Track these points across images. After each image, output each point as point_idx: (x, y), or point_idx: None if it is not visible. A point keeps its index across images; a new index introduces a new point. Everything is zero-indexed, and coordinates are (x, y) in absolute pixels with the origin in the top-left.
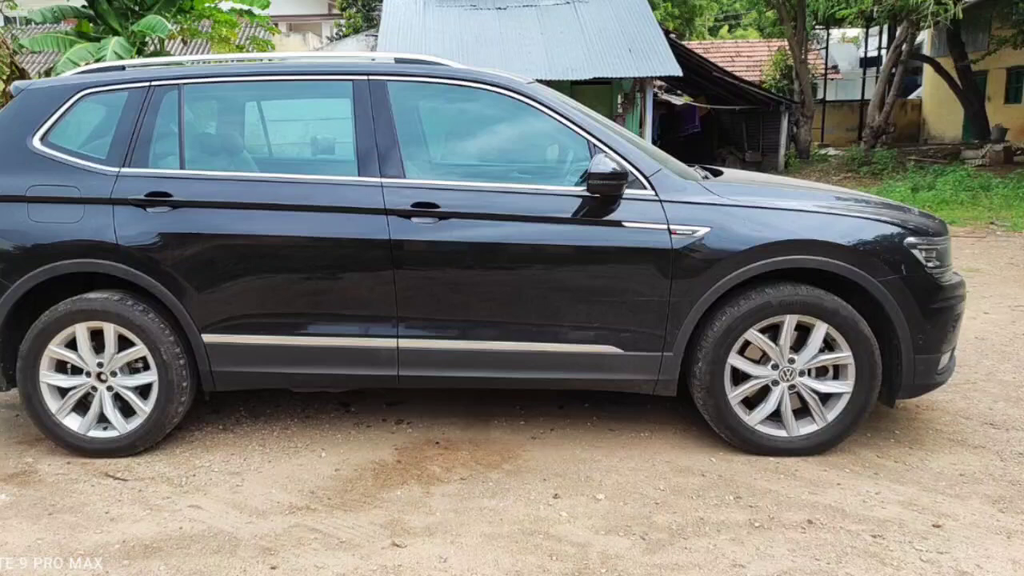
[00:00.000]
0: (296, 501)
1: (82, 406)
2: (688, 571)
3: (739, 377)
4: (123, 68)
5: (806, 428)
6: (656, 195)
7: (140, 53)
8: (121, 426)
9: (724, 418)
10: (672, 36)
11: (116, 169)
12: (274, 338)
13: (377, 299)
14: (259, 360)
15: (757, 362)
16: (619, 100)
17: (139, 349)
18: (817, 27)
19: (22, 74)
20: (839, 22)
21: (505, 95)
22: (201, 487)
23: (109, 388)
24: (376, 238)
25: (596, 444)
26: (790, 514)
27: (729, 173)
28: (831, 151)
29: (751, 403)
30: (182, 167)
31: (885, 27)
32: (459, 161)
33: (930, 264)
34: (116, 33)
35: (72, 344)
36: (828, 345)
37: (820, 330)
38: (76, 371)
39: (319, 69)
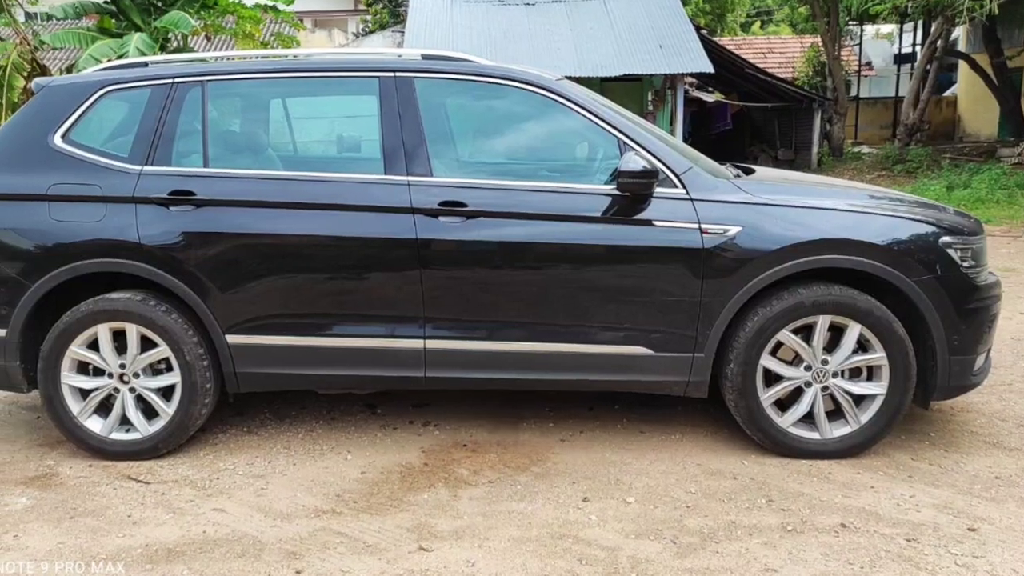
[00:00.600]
0: (321, 504)
1: (104, 408)
2: (719, 575)
3: (771, 378)
4: (146, 65)
5: (839, 430)
6: (687, 194)
7: (163, 49)
8: (144, 428)
9: (756, 420)
10: (703, 32)
11: (139, 167)
12: (299, 339)
13: (404, 299)
14: (284, 361)
15: (790, 363)
16: (649, 97)
17: (162, 350)
18: (850, 23)
19: (43, 71)
20: (873, 18)
21: (534, 92)
22: (225, 490)
23: (131, 389)
24: (403, 237)
25: (626, 446)
26: (823, 517)
27: (761, 171)
28: (865, 149)
29: (783, 405)
30: (206, 165)
31: (919, 23)
32: (487, 159)
33: (965, 264)
34: (139, 29)
35: (94, 345)
36: (862, 346)
37: (854, 331)
38: (98, 372)
39: (345, 65)
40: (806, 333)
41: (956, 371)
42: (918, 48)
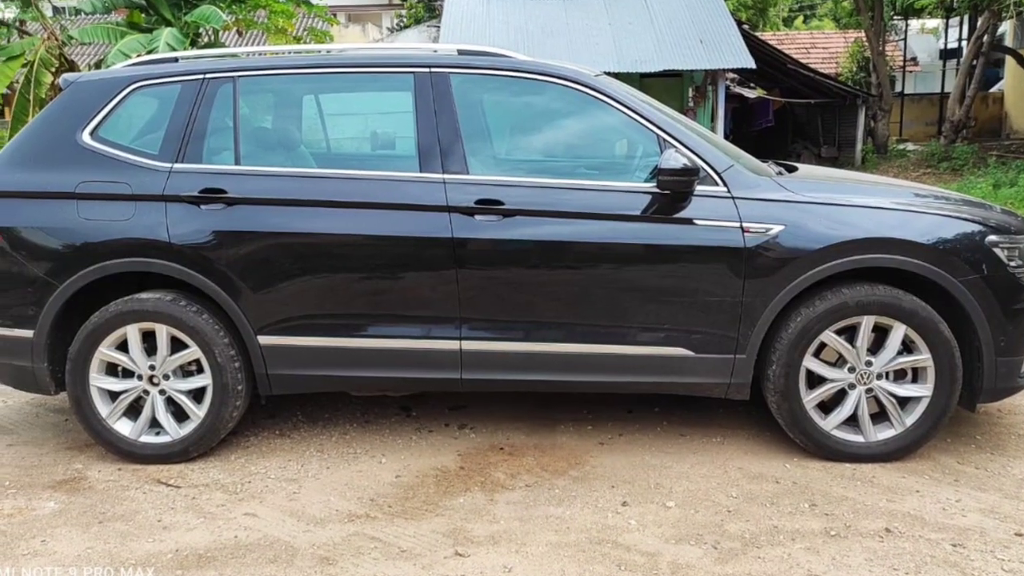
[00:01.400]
0: (355, 509)
1: (133, 410)
2: None
3: (814, 380)
4: (176, 60)
5: (884, 433)
6: (728, 192)
7: (194, 45)
8: (174, 431)
9: (799, 423)
10: (745, 27)
11: (169, 165)
12: (332, 340)
13: (439, 299)
14: (317, 363)
15: (833, 365)
16: (690, 93)
17: (192, 351)
18: (895, 17)
19: (71, 66)
20: (918, 12)
21: (572, 88)
22: (257, 494)
23: (161, 392)
24: (438, 236)
25: (666, 450)
26: (867, 522)
27: (804, 169)
28: (909, 146)
29: (826, 407)
30: (237, 163)
31: (965, 17)
32: (524, 156)
33: (1012, 263)
34: (169, 24)
35: (123, 346)
36: (906, 347)
37: (898, 332)
38: (127, 374)
39: (379, 61)
40: (850, 334)
41: (1003, 373)
42: (964, 43)
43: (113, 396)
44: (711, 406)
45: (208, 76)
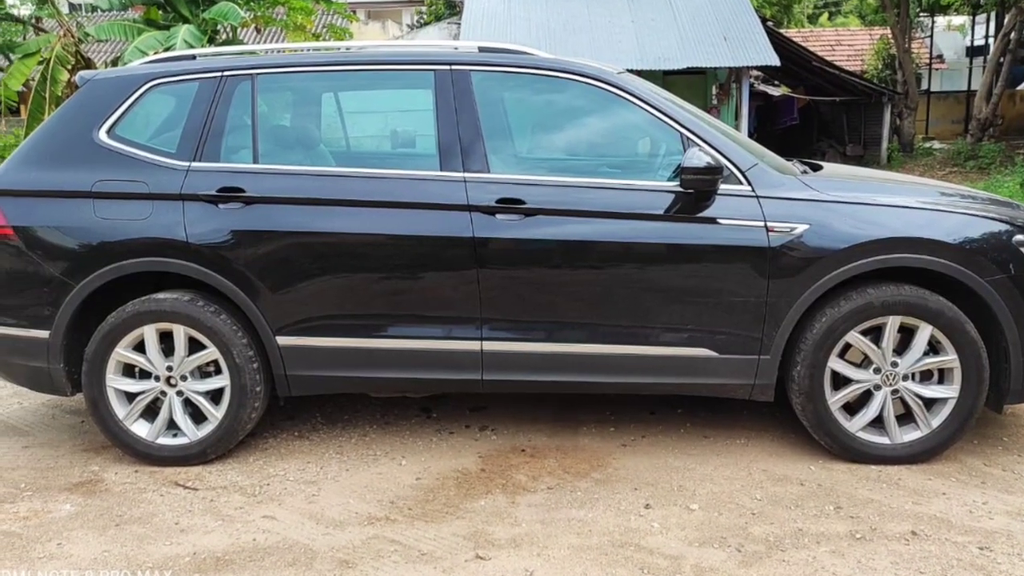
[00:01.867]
0: (375, 511)
1: (150, 412)
2: None
3: (839, 381)
4: (193, 57)
5: (909, 435)
6: (752, 191)
7: (211, 42)
8: (191, 433)
9: (824, 424)
10: (769, 24)
11: (186, 163)
12: (352, 340)
13: (460, 299)
14: (336, 363)
15: (858, 366)
16: (714, 91)
17: (210, 352)
18: (921, 14)
19: (88, 64)
20: (944, 9)
21: (594, 86)
22: (275, 497)
23: (179, 393)
24: (459, 236)
25: (689, 451)
26: (893, 525)
27: (829, 167)
28: (936, 144)
29: (852, 408)
30: (255, 161)
31: (992, 14)
32: (546, 155)
33: None
34: (186, 21)
35: (140, 347)
36: (932, 348)
37: (924, 332)
38: (144, 375)
39: (399, 58)
40: (875, 334)
41: None
42: (991, 40)
43: (130, 397)
44: (735, 407)
45: (226, 74)
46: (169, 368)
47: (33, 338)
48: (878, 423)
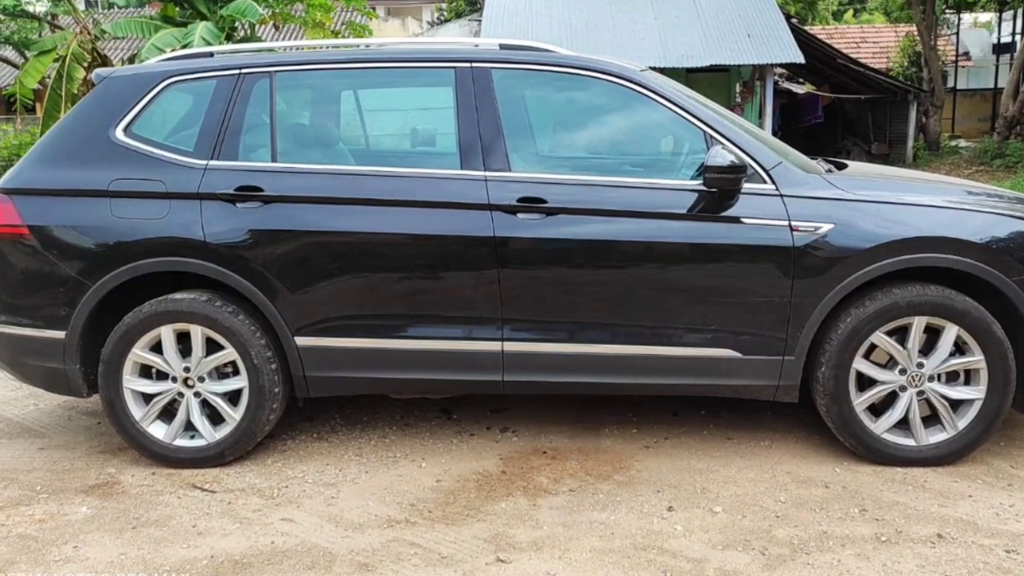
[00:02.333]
0: (395, 514)
1: (168, 413)
2: None
3: (864, 382)
4: (211, 55)
5: (935, 436)
6: (776, 189)
7: (229, 39)
8: (209, 434)
9: (849, 426)
10: (794, 21)
11: (204, 162)
12: (371, 341)
13: (481, 300)
14: (355, 364)
15: (884, 366)
16: (737, 89)
17: (228, 353)
18: (947, 11)
19: (104, 61)
20: (970, 6)
21: (616, 83)
22: (294, 499)
23: (196, 394)
24: (480, 235)
25: (713, 453)
26: (919, 528)
27: (854, 166)
28: (962, 143)
29: (877, 410)
30: (274, 160)
31: (1019, 11)
32: (567, 153)
33: None
34: (204, 18)
35: (157, 347)
36: (959, 348)
37: (950, 333)
38: (161, 376)
39: (419, 56)
40: (901, 335)
41: None
42: (1018, 37)
43: (147, 399)
44: (759, 409)
45: (244, 71)
46: (186, 369)
47: (49, 339)
48: (904, 425)
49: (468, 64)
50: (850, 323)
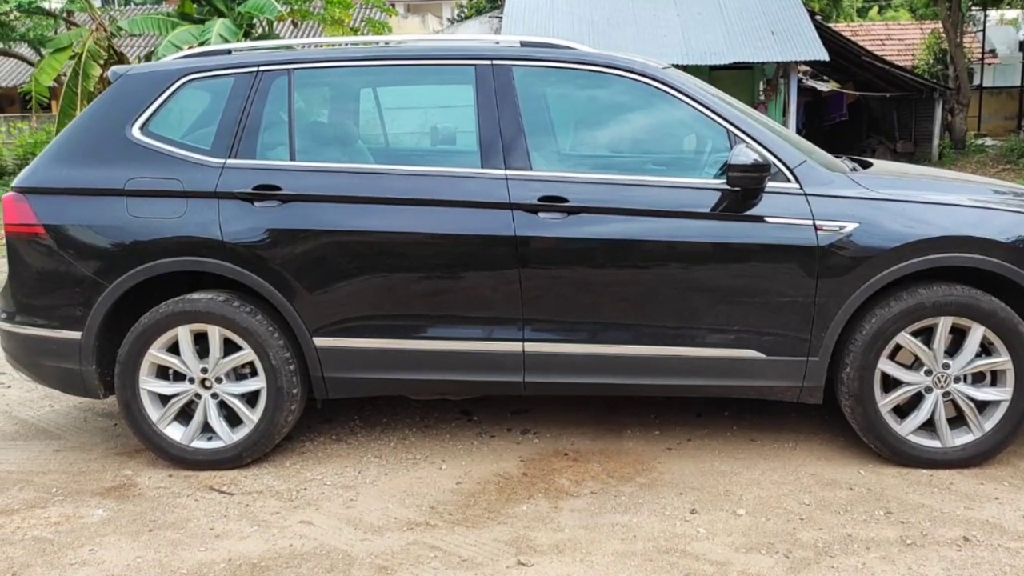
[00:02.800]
0: (415, 516)
1: (185, 415)
2: None
3: (889, 383)
4: (229, 52)
5: (961, 438)
6: (800, 188)
7: (247, 36)
8: (227, 436)
9: (874, 427)
10: (818, 18)
11: (221, 160)
12: (391, 342)
13: (501, 300)
14: (375, 365)
15: (909, 367)
16: (761, 86)
17: (246, 353)
18: (973, 8)
19: (120, 58)
20: (997, 2)
21: (638, 81)
22: (312, 501)
23: (214, 395)
24: (500, 234)
25: (736, 455)
26: (944, 530)
27: (879, 165)
28: (988, 141)
29: (902, 411)
30: (292, 158)
31: None
32: (589, 152)
33: None
34: (221, 14)
35: (174, 348)
36: (985, 349)
37: (977, 333)
38: (178, 377)
39: (439, 53)
40: (926, 335)
41: None
42: None
43: (164, 400)
44: (783, 410)
45: (262, 69)
46: (204, 370)
47: (65, 339)
48: (929, 426)
49: (489, 61)
50: (875, 323)
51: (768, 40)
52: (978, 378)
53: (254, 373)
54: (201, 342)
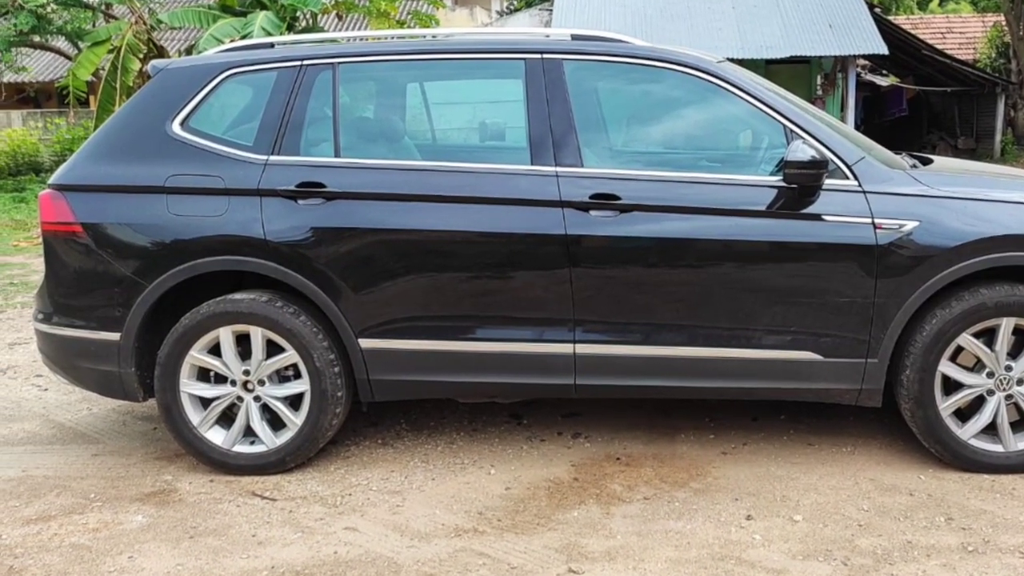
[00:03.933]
0: (462, 523)
1: (226, 418)
2: None
3: (950, 386)
4: (272, 46)
5: None
6: (859, 186)
7: (290, 29)
8: (270, 440)
9: (934, 431)
10: (877, 10)
11: (264, 157)
12: (438, 343)
13: (552, 300)
14: (421, 367)
15: (970, 370)
16: (818, 81)
17: (289, 355)
18: None
19: (160, 52)
20: None
21: (692, 75)
22: (358, 507)
23: (256, 398)
24: (551, 233)
25: (793, 460)
26: (1007, 537)
27: (939, 161)
28: None
29: (963, 415)
30: (337, 155)
31: None
32: (641, 148)
33: None
34: (264, 7)
35: (215, 350)
36: None
37: None
38: (220, 380)
39: (488, 47)
40: (988, 337)
41: None
42: None
43: (205, 403)
44: (841, 413)
45: (306, 63)
46: (246, 372)
47: (103, 340)
48: (991, 430)
49: (539, 55)
50: (936, 324)
51: (826, 33)
52: None
53: (297, 375)
54: (243, 344)
